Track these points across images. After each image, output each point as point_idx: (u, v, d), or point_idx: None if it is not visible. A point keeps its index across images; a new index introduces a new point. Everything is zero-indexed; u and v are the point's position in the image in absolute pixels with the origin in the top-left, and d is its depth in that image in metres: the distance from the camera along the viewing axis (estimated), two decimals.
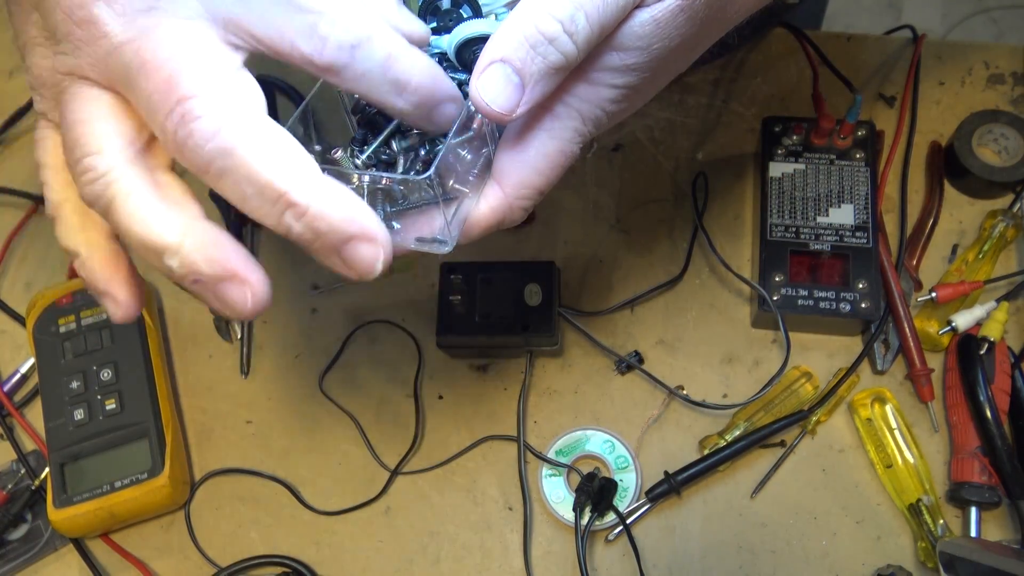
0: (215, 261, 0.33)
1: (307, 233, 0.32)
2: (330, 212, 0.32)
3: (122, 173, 0.33)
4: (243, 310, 0.33)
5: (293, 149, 0.32)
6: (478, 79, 0.33)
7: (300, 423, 0.64)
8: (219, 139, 0.31)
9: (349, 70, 0.34)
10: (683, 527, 0.58)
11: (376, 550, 0.60)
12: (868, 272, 0.59)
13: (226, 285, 0.33)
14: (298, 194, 0.31)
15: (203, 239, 0.33)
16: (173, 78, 0.32)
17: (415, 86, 0.35)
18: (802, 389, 0.60)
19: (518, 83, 0.33)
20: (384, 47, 0.34)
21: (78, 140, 0.34)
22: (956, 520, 0.57)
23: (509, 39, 0.33)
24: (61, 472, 0.59)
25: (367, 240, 0.33)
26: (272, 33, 0.33)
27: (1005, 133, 0.63)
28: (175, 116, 0.31)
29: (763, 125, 0.64)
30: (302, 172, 0.32)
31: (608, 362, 0.63)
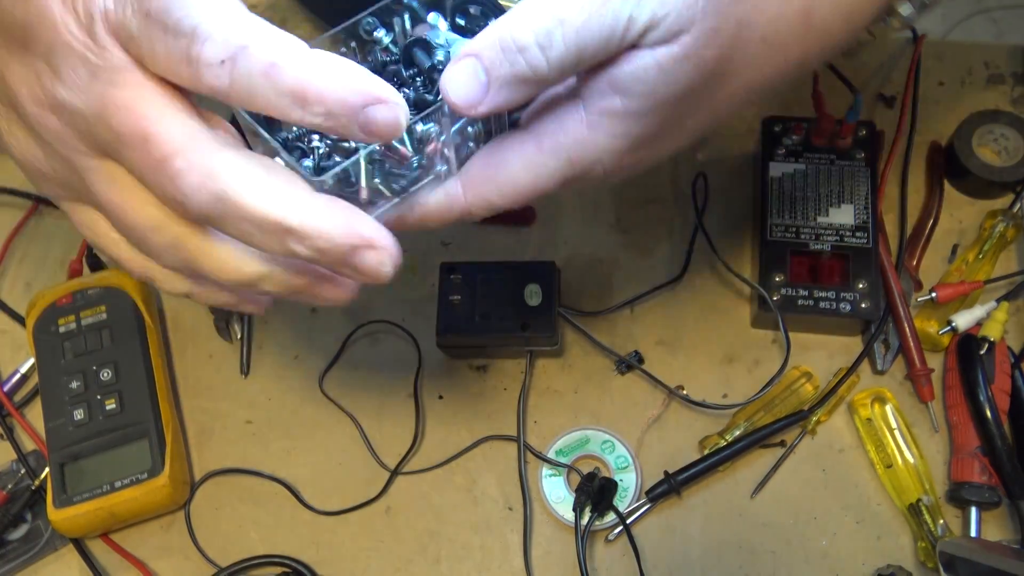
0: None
1: (313, 254, 0.32)
2: (328, 230, 0.32)
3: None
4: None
5: (278, 176, 0.32)
6: (449, 68, 0.33)
7: (300, 423, 0.64)
8: (206, 189, 0.31)
9: (236, 92, 0.30)
10: (683, 527, 0.58)
11: (376, 550, 0.60)
12: (868, 272, 0.59)
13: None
14: (294, 220, 0.31)
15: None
16: (146, 142, 0.31)
17: (315, 95, 0.30)
18: (802, 389, 0.60)
19: (484, 81, 0.33)
20: (263, 56, 0.30)
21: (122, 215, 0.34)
22: (956, 520, 0.57)
23: (486, 39, 0.33)
24: (61, 472, 0.59)
25: (370, 247, 0.33)
26: (161, 67, 0.32)
27: (1005, 133, 0.63)
28: (163, 179, 0.31)
29: (763, 125, 0.64)
30: (292, 197, 0.32)
31: (608, 362, 0.63)
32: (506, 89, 0.33)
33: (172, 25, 0.30)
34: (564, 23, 0.32)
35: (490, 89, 0.33)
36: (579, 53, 0.33)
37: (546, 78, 0.34)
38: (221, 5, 0.30)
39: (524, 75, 0.33)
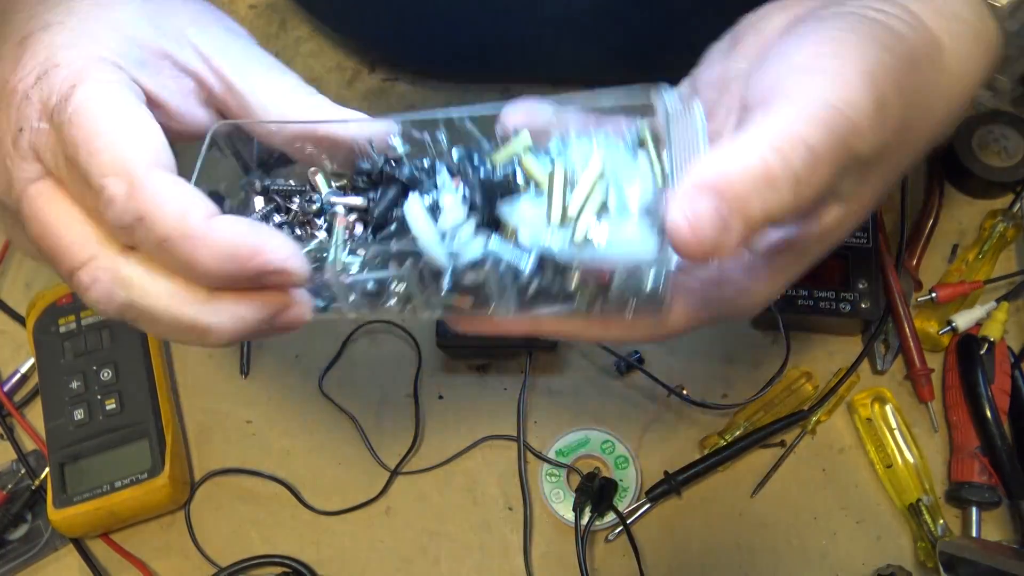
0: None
1: (237, 329, 0.32)
2: (221, 325, 0.32)
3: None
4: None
5: (175, 277, 0.32)
6: (682, 203, 0.28)
7: (300, 423, 0.64)
8: (116, 299, 0.32)
9: (145, 255, 0.32)
10: (683, 527, 0.58)
11: (376, 550, 0.60)
12: (868, 272, 0.59)
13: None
14: (203, 319, 0.32)
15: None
16: (54, 254, 0.32)
17: (207, 270, 0.30)
18: (802, 389, 0.60)
19: (724, 222, 0.28)
20: (160, 230, 0.30)
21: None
22: (956, 520, 0.57)
23: (725, 169, 0.28)
24: (61, 472, 0.59)
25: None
26: (80, 201, 0.33)
27: (1005, 133, 0.63)
28: (76, 284, 0.32)
29: None
30: (191, 296, 0.32)
31: (608, 362, 0.63)
32: (748, 226, 0.28)
33: (86, 175, 0.31)
34: (819, 142, 0.29)
35: (734, 233, 0.28)
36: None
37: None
38: (127, 159, 0.31)
39: (775, 210, 0.29)
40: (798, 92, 0.29)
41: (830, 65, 0.30)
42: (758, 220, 0.28)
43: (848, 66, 0.30)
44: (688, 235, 0.28)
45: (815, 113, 0.29)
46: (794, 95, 0.29)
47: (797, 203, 0.29)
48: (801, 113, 0.28)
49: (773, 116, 0.29)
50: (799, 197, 0.28)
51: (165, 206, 0.30)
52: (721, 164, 0.28)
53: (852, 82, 0.29)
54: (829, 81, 0.29)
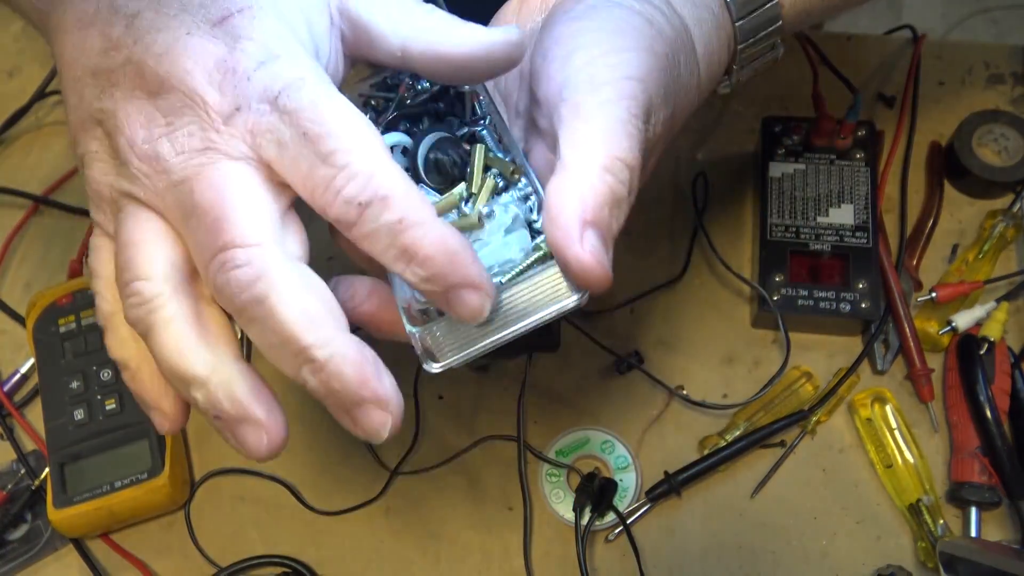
0: (238, 402, 0.34)
1: (321, 388, 0.33)
2: (345, 372, 0.32)
3: (165, 302, 0.34)
4: (256, 453, 0.34)
5: (324, 302, 0.33)
6: (582, 243, 0.33)
7: (300, 423, 0.64)
8: (254, 289, 0.32)
9: (357, 228, 0.33)
10: (683, 527, 0.58)
11: (376, 550, 0.60)
12: (868, 272, 0.59)
13: (244, 426, 0.34)
14: (318, 352, 0.32)
15: (230, 379, 0.34)
16: (218, 223, 0.32)
17: (423, 259, 0.32)
18: (802, 389, 0.60)
19: (606, 243, 0.33)
20: (398, 211, 0.32)
21: (129, 262, 0.34)
22: (956, 520, 0.57)
23: (591, 201, 0.33)
24: (61, 472, 0.59)
25: (378, 405, 0.33)
26: (298, 181, 0.33)
27: (1005, 133, 0.63)
28: (216, 262, 0.32)
29: (763, 125, 0.64)
30: (327, 328, 0.32)
31: (608, 362, 0.63)
32: (612, 242, 0.34)
33: (325, 153, 0.32)
34: (632, 166, 0.34)
35: (609, 250, 0.34)
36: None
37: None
38: (370, 145, 0.33)
39: (622, 221, 0.35)
40: (596, 111, 0.34)
41: (612, 76, 0.35)
42: (617, 232, 0.34)
43: (626, 74, 0.35)
44: (600, 269, 0.33)
45: (621, 134, 0.34)
46: (593, 114, 0.34)
47: (629, 207, 0.35)
48: (610, 135, 0.34)
49: (591, 140, 0.34)
50: (630, 201, 0.35)
51: (407, 189, 0.32)
52: (579, 194, 0.33)
53: (633, 91, 0.35)
54: (616, 93, 0.34)
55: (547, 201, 0.33)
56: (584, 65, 0.35)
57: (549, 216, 0.33)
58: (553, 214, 0.33)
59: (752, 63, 0.42)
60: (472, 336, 0.35)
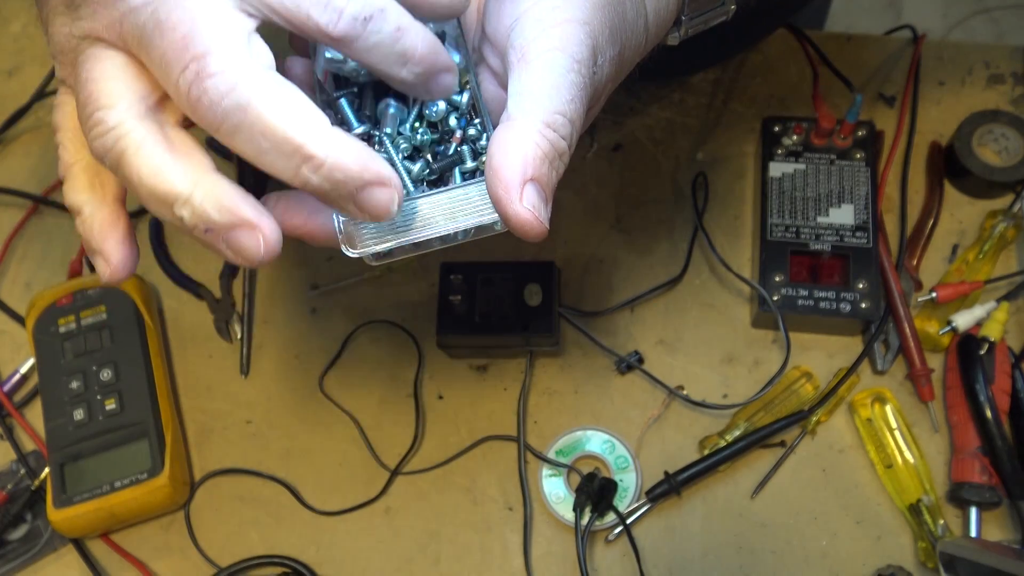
0: (226, 209, 0.33)
1: (325, 184, 0.33)
2: (346, 162, 0.33)
3: (132, 126, 0.34)
4: (255, 256, 0.34)
5: (306, 104, 0.33)
6: (521, 200, 0.34)
7: (300, 423, 0.64)
8: (234, 95, 0.32)
9: (361, 41, 0.34)
10: (683, 527, 0.58)
11: (376, 550, 0.60)
12: (868, 272, 0.59)
13: (238, 232, 0.34)
14: (315, 147, 0.32)
15: (214, 189, 0.34)
16: (188, 37, 0.32)
17: (419, 57, 0.35)
18: (802, 389, 0.60)
19: (545, 198, 0.35)
20: (394, 20, 0.34)
21: (90, 96, 0.34)
22: (956, 520, 0.57)
23: (532, 157, 0.34)
24: (61, 472, 0.59)
25: (382, 184, 0.34)
26: (288, 4, 0.34)
27: (1005, 133, 0.63)
28: (189, 73, 0.32)
29: (763, 125, 0.64)
30: (316, 125, 0.33)
31: (608, 362, 0.63)
32: (552, 195, 0.36)
33: None
34: (575, 120, 0.35)
35: (548, 203, 0.35)
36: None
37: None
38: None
39: (561, 175, 0.36)
40: (540, 59, 0.35)
41: (557, 19, 0.36)
42: (556, 185, 0.36)
43: (570, 16, 0.36)
44: (538, 224, 0.35)
45: (563, 87, 0.35)
46: (537, 64, 0.35)
47: (569, 157, 0.36)
48: (554, 88, 0.35)
49: (534, 93, 0.35)
50: (571, 152, 0.36)
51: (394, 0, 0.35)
52: (522, 151, 0.34)
53: (578, 37, 0.36)
54: (561, 38, 0.36)
55: (490, 153, 0.35)
56: (531, 6, 0.36)
57: (492, 170, 0.34)
58: (495, 168, 0.34)
59: (701, 15, 0.43)
60: (393, 230, 0.37)
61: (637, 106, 0.69)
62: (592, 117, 0.41)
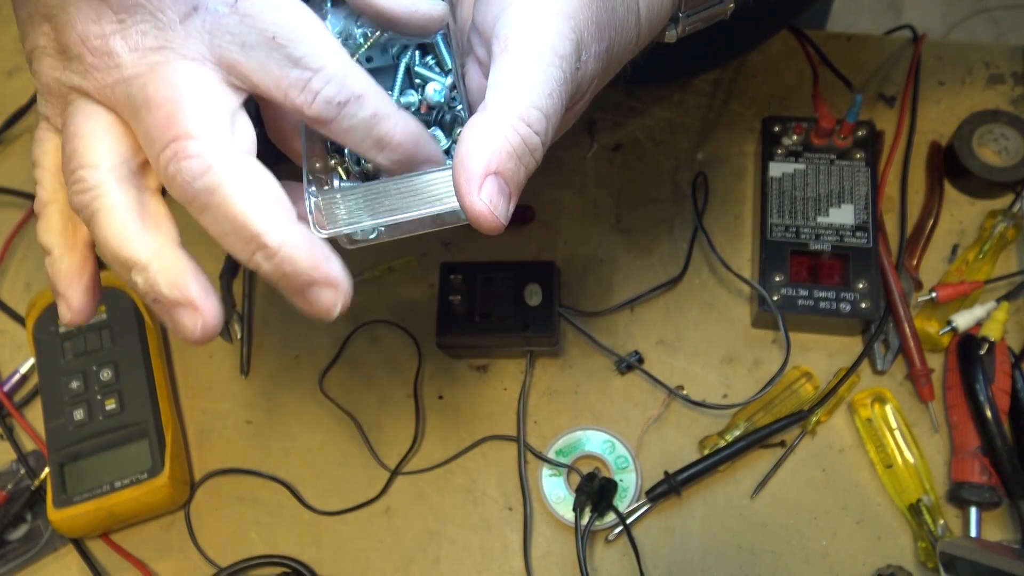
0: (175, 286, 0.35)
1: (274, 273, 0.35)
2: (297, 257, 0.34)
3: (110, 189, 0.35)
4: (191, 336, 0.36)
5: (273, 193, 0.35)
6: (479, 193, 0.34)
7: (300, 423, 0.64)
8: (206, 179, 0.33)
9: (335, 124, 0.36)
10: (683, 527, 0.58)
11: (376, 550, 0.60)
12: (868, 272, 0.59)
13: (181, 310, 0.35)
14: (270, 237, 0.34)
15: (170, 265, 0.35)
16: (172, 116, 0.34)
17: (396, 145, 0.37)
18: (802, 389, 0.60)
19: (508, 193, 0.35)
20: (371, 107, 0.36)
21: (75, 151, 0.36)
22: (956, 520, 0.57)
23: (498, 151, 0.34)
24: (61, 472, 0.59)
25: (329, 286, 0.35)
26: (268, 82, 0.35)
27: (1005, 133, 0.63)
28: (169, 152, 0.34)
29: (763, 125, 0.64)
30: (277, 217, 0.34)
31: (608, 362, 0.63)
32: (519, 191, 0.35)
33: (297, 57, 0.35)
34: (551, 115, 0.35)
35: (511, 198, 0.35)
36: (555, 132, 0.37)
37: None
38: (335, 46, 0.36)
39: (532, 171, 0.36)
40: (523, 52, 0.35)
41: (542, 12, 0.35)
42: (524, 180, 0.36)
43: (556, 10, 0.35)
44: (492, 219, 0.34)
45: (542, 81, 0.35)
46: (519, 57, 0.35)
47: (544, 152, 0.36)
48: (533, 82, 0.35)
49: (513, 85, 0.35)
50: (544, 148, 0.36)
51: (376, 86, 0.36)
52: (491, 144, 0.34)
53: (561, 31, 0.35)
54: (545, 35, 0.35)
55: (460, 141, 0.34)
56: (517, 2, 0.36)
57: (458, 158, 0.34)
58: (462, 156, 0.34)
59: (699, 12, 0.42)
60: (367, 210, 0.37)
61: (637, 106, 0.69)
62: (578, 112, 0.40)
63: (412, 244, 0.67)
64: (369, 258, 0.66)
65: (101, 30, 0.35)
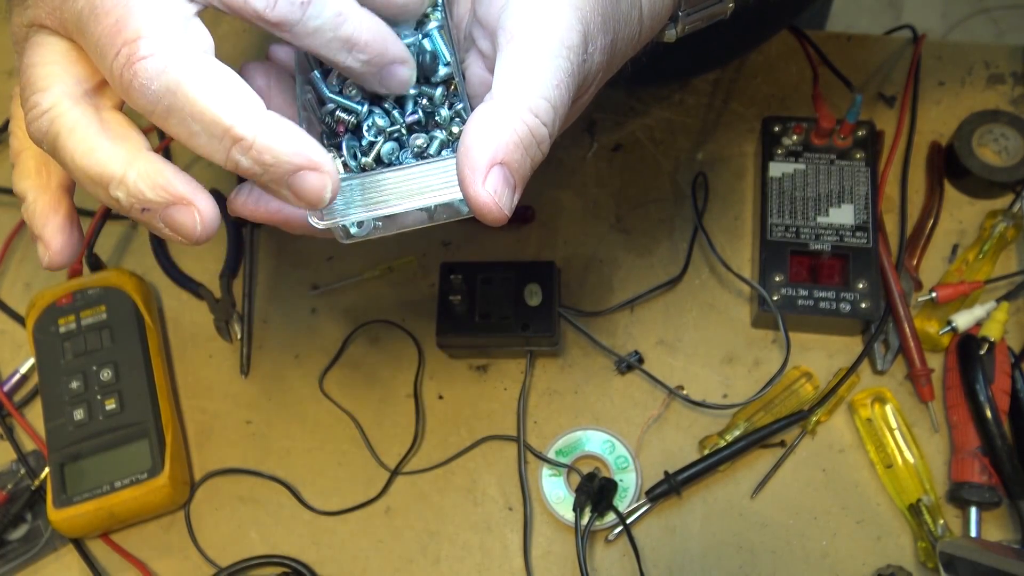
0: (160, 187, 0.34)
1: (255, 167, 0.33)
2: (276, 144, 0.33)
3: (66, 109, 0.34)
4: (192, 232, 0.34)
5: (239, 87, 0.33)
6: (484, 183, 0.33)
7: (300, 423, 0.64)
8: (165, 78, 0.32)
9: (299, 26, 0.34)
10: (683, 527, 0.58)
11: (376, 550, 0.60)
12: (868, 272, 0.59)
13: (174, 210, 0.34)
14: (244, 129, 0.32)
15: (148, 168, 0.34)
16: (121, 20, 0.32)
17: (363, 43, 0.36)
18: (802, 389, 0.60)
19: (513, 184, 0.34)
20: (335, 5, 0.34)
21: (28, 80, 0.35)
22: (956, 520, 0.57)
23: (505, 141, 0.33)
24: (61, 472, 0.59)
25: (314, 169, 0.33)
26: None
27: (1005, 133, 0.63)
28: (121, 57, 0.32)
29: (763, 125, 0.64)
30: (247, 107, 0.33)
31: (608, 362, 0.63)
32: (525, 182, 0.35)
33: None
34: (559, 107, 0.34)
35: (516, 189, 0.34)
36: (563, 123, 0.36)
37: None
38: None
39: (539, 163, 0.35)
40: (530, 43, 0.34)
41: (548, 4, 0.35)
42: (530, 172, 0.35)
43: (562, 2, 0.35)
44: (496, 210, 0.34)
45: (550, 72, 0.34)
46: (527, 47, 0.34)
47: (550, 145, 0.36)
48: (542, 73, 0.34)
49: (521, 76, 0.34)
50: (551, 140, 0.35)
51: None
52: (498, 134, 0.33)
53: (569, 22, 0.35)
54: (553, 26, 0.35)
55: (465, 131, 0.34)
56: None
57: (463, 148, 0.34)
58: (467, 146, 0.33)
59: (699, 11, 0.42)
60: (364, 202, 0.37)
61: (637, 106, 0.69)
62: (581, 107, 0.40)
63: (412, 244, 0.67)
64: (369, 258, 0.66)
65: None
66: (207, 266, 0.68)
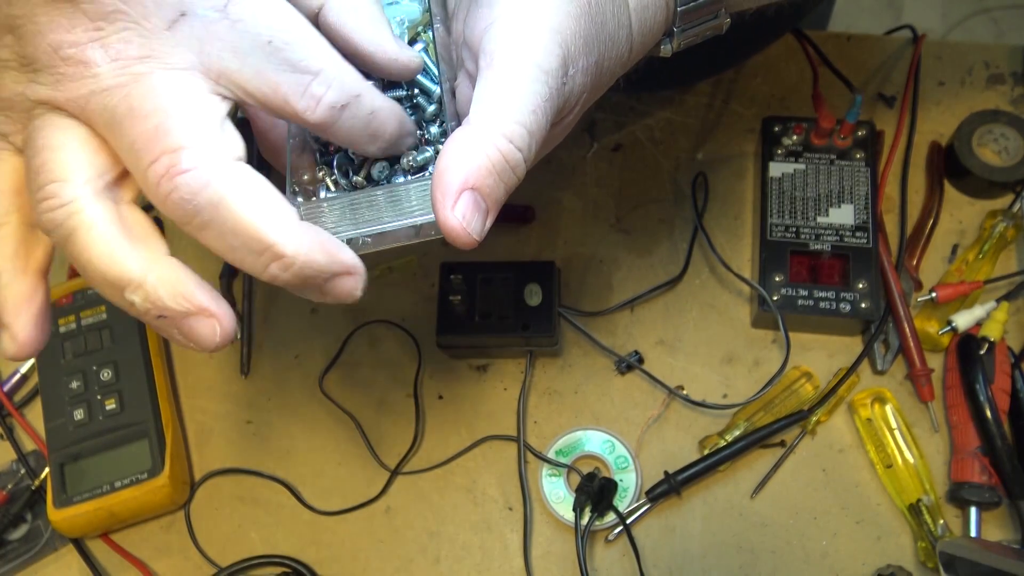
0: (182, 297, 0.33)
1: (294, 280, 0.33)
2: (315, 258, 0.33)
3: (87, 204, 0.33)
4: (210, 345, 0.34)
5: (275, 200, 0.33)
6: (453, 208, 0.33)
7: (300, 423, 0.64)
8: (207, 193, 0.32)
9: (336, 126, 0.35)
10: (683, 527, 0.58)
11: (376, 550, 0.60)
12: (868, 272, 0.59)
13: (194, 320, 0.34)
14: (285, 247, 0.32)
15: (169, 276, 0.33)
16: (161, 127, 0.32)
17: (388, 136, 0.37)
18: (802, 389, 0.60)
19: (485, 209, 0.34)
20: (368, 104, 0.36)
21: (44, 165, 0.33)
22: (956, 520, 0.57)
23: (477, 166, 0.33)
24: (61, 472, 0.59)
25: (348, 273, 0.35)
26: (265, 89, 0.34)
27: (1005, 133, 0.63)
28: (160, 166, 0.31)
29: (763, 125, 0.64)
30: (286, 223, 0.33)
31: (608, 362, 0.63)
32: (498, 207, 0.35)
33: (295, 62, 0.34)
34: (535, 131, 0.34)
35: (489, 214, 0.35)
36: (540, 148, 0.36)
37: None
38: (333, 51, 0.35)
39: (513, 188, 0.35)
40: (509, 68, 0.34)
41: (529, 28, 0.35)
42: (504, 197, 0.35)
43: (542, 24, 0.35)
44: (464, 235, 0.34)
45: (526, 97, 0.34)
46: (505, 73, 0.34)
47: (526, 170, 0.35)
48: (519, 98, 0.34)
49: (498, 101, 0.34)
50: (527, 165, 0.35)
51: (366, 82, 0.36)
52: (470, 159, 0.33)
53: (547, 46, 0.35)
54: (531, 50, 0.35)
55: (440, 155, 0.34)
56: (504, 12, 0.36)
57: (437, 171, 0.34)
58: (440, 170, 0.34)
59: (694, 27, 0.41)
60: (354, 220, 0.38)
61: (637, 106, 0.69)
62: (567, 127, 0.40)
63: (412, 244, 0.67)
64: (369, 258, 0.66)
65: (75, 39, 0.32)
66: (207, 266, 0.68)
